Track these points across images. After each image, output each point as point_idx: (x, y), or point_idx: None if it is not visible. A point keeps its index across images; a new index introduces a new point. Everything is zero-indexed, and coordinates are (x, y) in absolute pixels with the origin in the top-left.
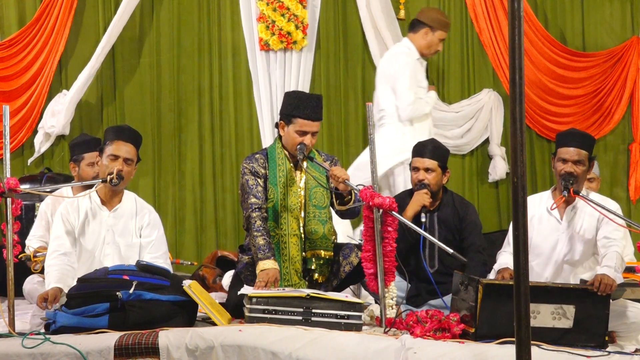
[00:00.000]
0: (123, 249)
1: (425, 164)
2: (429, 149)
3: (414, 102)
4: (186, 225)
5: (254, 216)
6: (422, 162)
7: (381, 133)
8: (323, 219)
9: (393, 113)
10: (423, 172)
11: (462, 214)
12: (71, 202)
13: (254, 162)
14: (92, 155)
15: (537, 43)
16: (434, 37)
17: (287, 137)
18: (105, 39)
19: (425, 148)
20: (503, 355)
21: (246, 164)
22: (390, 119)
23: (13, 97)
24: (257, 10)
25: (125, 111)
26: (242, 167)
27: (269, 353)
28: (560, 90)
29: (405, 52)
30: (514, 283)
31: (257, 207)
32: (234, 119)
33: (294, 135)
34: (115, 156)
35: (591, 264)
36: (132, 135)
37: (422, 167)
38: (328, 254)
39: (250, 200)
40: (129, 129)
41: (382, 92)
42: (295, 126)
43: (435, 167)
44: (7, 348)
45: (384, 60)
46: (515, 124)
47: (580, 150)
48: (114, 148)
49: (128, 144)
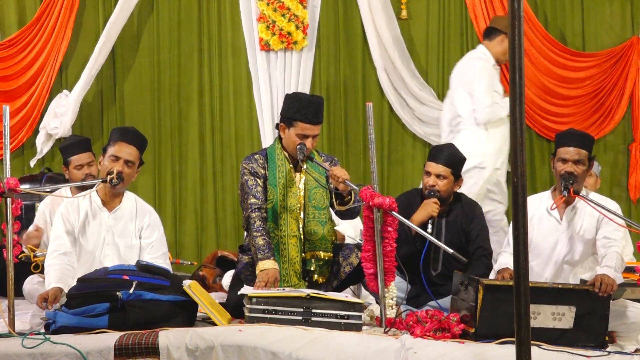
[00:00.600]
0: (123, 250)
1: (437, 170)
2: (444, 155)
3: (491, 105)
4: (186, 225)
5: (253, 216)
6: (435, 167)
7: (458, 139)
8: (322, 220)
9: (469, 118)
10: (434, 177)
11: (471, 216)
12: (71, 202)
13: (253, 163)
14: (79, 158)
15: (537, 43)
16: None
17: (288, 140)
18: (103, 37)
19: (440, 153)
20: (503, 355)
21: (245, 164)
22: (467, 124)
23: (13, 97)
24: (257, 11)
25: (125, 111)
26: (242, 168)
27: (269, 353)
28: (560, 90)
29: (482, 57)
30: (514, 283)
31: (256, 208)
32: (234, 119)
33: (294, 139)
34: (116, 157)
35: (591, 264)
36: (136, 138)
37: (434, 173)
38: (327, 255)
39: (250, 200)
40: (134, 131)
41: (459, 98)
42: (296, 129)
43: (447, 174)
44: (7, 348)
45: (459, 66)
46: (515, 124)
47: (580, 150)
48: (116, 149)
49: (131, 145)
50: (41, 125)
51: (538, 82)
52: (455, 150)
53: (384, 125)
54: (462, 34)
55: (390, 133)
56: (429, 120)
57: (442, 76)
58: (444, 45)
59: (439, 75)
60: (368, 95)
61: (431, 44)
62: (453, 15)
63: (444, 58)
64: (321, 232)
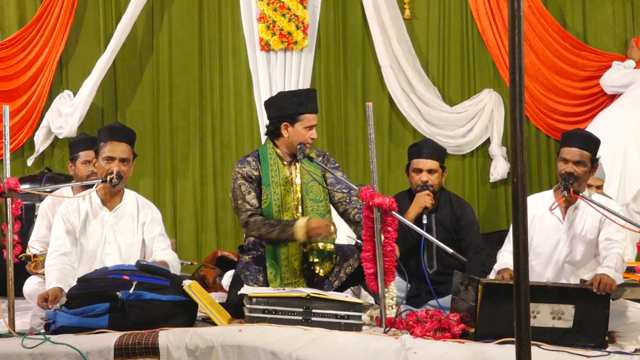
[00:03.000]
0: (124, 249)
1: (427, 165)
2: (429, 150)
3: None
4: (186, 225)
5: (251, 220)
6: (425, 163)
7: None
8: (321, 212)
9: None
10: (426, 173)
11: (460, 214)
12: (71, 202)
13: (246, 166)
14: (87, 154)
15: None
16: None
17: (295, 136)
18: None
19: (424, 149)
20: (503, 355)
21: (238, 169)
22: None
23: (13, 97)
24: (257, 11)
25: (126, 111)
26: (234, 173)
27: (269, 353)
28: (566, 88)
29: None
30: (514, 283)
31: (252, 214)
32: (234, 119)
33: (302, 132)
34: (111, 158)
35: (593, 265)
36: (125, 134)
37: (424, 169)
38: (328, 246)
39: (245, 207)
40: (121, 127)
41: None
42: (303, 123)
43: (437, 167)
44: (7, 348)
45: None
46: (515, 124)
47: (582, 151)
48: (109, 149)
49: (122, 143)
50: (42, 123)
51: (543, 79)
52: (435, 142)
53: (384, 125)
54: (462, 34)
55: (391, 133)
56: (435, 120)
57: (442, 76)
58: (444, 45)
59: (439, 76)
60: (368, 95)
61: (432, 43)
62: (454, 15)
63: (445, 58)
64: None
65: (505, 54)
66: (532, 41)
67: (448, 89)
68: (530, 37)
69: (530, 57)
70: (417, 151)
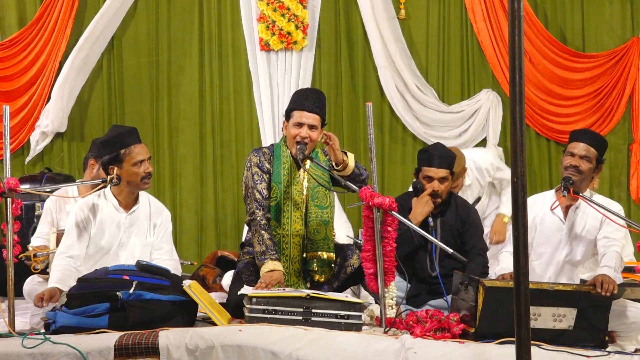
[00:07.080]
0: (138, 250)
1: (439, 174)
2: (440, 158)
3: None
4: (186, 225)
5: (258, 214)
6: (436, 172)
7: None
8: (325, 220)
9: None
10: (437, 182)
11: (464, 217)
12: (87, 202)
13: (261, 155)
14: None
15: (538, 43)
16: None
17: (288, 135)
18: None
19: (434, 158)
20: (503, 355)
21: (253, 156)
22: None
23: (14, 97)
24: (257, 11)
25: (125, 111)
26: (249, 159)
27: (269, 353)
28: (560, 91)
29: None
30: (514, 283)
31: (261, 205)
32: (234, 119)
33: (292, 130)
34: (141, 161)
35: (592, 264)
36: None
37: (436, 177)
38: (329, 255)
39: (255, 196)
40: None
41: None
42: (293, 119)
43: (448, 175)
44: (7, 348)
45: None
46: (515, 124)
47: (589, 147)
48: (137, 152)
49: (143, 145)
50: (37, 123)
51: (538, 83)
52: (445, 149)
53: (384, 125)
54: (461, 34)
55: (390, 133)
56: (429, 121)
57: (441, 77)
58: (443, 46)
59: (439, 76)
60: (368, 95)
61: (431, 44)
62: (452, 16)
63: (444, 59)
64: (324, 232)
65: (501, 55)
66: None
67: (447, 89)
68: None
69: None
70: (427, 159)
